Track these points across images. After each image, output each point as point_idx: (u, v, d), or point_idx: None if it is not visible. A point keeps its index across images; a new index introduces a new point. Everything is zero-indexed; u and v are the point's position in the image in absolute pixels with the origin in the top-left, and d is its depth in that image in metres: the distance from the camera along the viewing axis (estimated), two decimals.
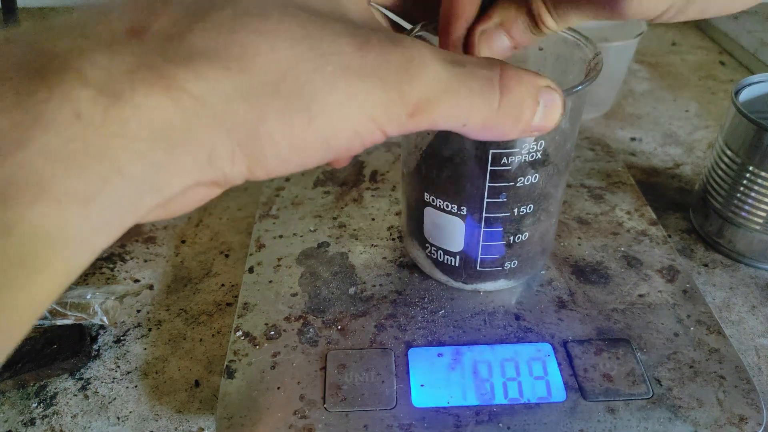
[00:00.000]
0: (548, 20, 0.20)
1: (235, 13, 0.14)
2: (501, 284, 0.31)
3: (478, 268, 0.30)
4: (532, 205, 0.27)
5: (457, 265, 0.30)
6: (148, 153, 0.13)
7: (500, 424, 0.26)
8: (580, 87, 0.23)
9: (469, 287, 0.32)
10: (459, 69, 0.16)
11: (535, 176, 0.26)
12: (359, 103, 0.14)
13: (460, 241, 0.29)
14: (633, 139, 0.50)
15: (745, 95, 0.37)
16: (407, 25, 0.24)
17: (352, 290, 0.32)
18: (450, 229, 0.29)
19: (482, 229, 0.28)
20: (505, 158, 0.25)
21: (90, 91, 0.12)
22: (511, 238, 0.29)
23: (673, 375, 0.28)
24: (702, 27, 0.70)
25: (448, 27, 0.21)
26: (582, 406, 0.26)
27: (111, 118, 0.12)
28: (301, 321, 0.30)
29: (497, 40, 0.21)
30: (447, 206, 0.28)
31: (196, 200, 0.16)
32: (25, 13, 0.52)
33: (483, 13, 0.21)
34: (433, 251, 0.31)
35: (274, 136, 0.14)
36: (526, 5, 0.20)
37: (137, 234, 0.40)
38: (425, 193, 0.28)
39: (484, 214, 0.27)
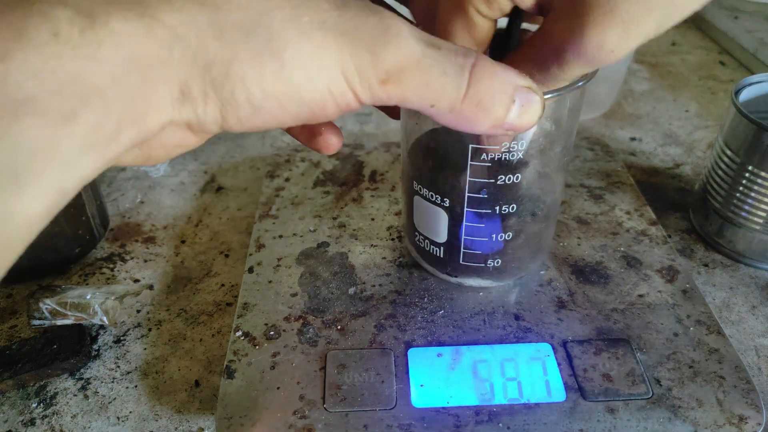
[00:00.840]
0: (534, 77, 0.19)
1: None
2: (486, 282, 0.31)
3: (461, 261, 0.30)
4: (515, 206, 0.27)
5: (441, 255, 0.31)
6: (122, 78, 0.13)
7: (500, 424, 0.26)
8: (560, 92, 0.22)
9: (453, 280, 0.32)
10: (434, 50, 0.16)
11: (517, 176, 0.26)
12: (333, 58, 0.14)
13: (444, 232, 0.29)
14: (633, 139, 0.50)
15: (745, 95, 0.37)
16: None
17: (351, 290, 0.32)
18: (435, 220, 0.29)
19: (464, 223, 0.28)
20: (484, 154, 0.25)
21: (68, 12, 0.12)
22: (494, 236, 0.29)
23: (673, 375, 0.28)
24: (702, 27, 0.70)
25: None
26: (582, 406, 0.26)
27: (86, 39, 0.12)
28: (301, 321, 0.30)
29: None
30: (432, 196, 0.28)
31: (173, 145, 0.16)
32: None
33: None
34: (420, 240, 0.31)
35: (246, 79, 0.14)
36: None
37: (137, 234, 0.40)
38: (413, 182, 0.29)
39: (465, 208, 0.27)
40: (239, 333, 0.30)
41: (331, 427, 0.26)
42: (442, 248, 0.30)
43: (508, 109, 0.17)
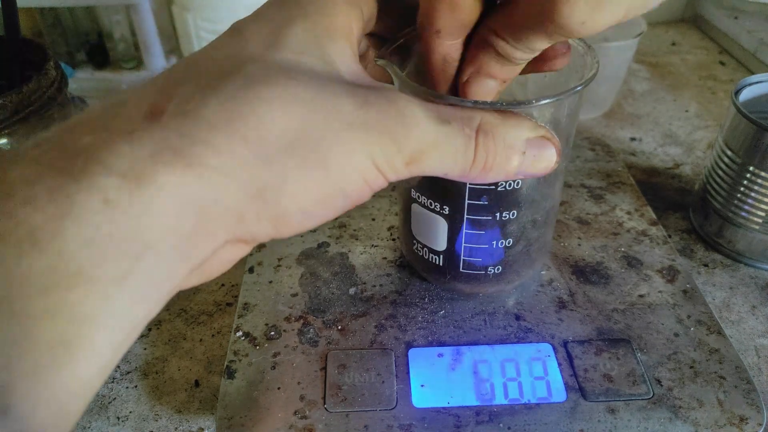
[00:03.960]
0: (514, 52, 0.19)
1: (245, 83, 0.15)
2: (486, 289, 0.31)
3: (461, 269, 0.29)
4: (515, 212, 0.27)
5: (441, 264, 0.30)
6: (176, 226, 0.13)
7: (500, 425, 0.26)
8: (559, 98, 0.22)
9: (453, 287, 0.32)
10: (444, 127, 0.17)
11: (518, 182, 0.26)
12: (365, 153, 0.16)
13: (444, 241, 0.29)
14: (633, 139, 0.50)
15: (745, 95, 0.37)
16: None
17: (352, 290, 0.32)
18: (434, 228, 0.28)
19: (464, 231, 0.28)
20: None
21: (115, 179, 0.13)
22: (494, 243, 0.28)
23: (674, 375, 0.28)
24: (702, 27, 0.70)
25: (436, 84, 0.22)
26: (582, 406, 0.26)
27: (137, 200, 0.13)
28: (302, 321, 0.30)
29: (483, 85, 0.21)
30: (431, 204, 0.28)
31: (228, 260, 0.17)
32: (24, 13, 0.52)
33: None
34: (419, 248, 0.30)
35: (297, 194, 0.15)
36: (491, 46, 0.20)
37: None
38: (411, 190, 0.28)
39: (465, 216, 0.27)
40: (240, 333, 0.30)
41: (331, 427, 0.26)
42: (441, 256, 0.29)
43: (519, 162, 0.19)
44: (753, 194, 0.35)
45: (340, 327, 0.30)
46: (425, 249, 0.30)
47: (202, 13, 0.51)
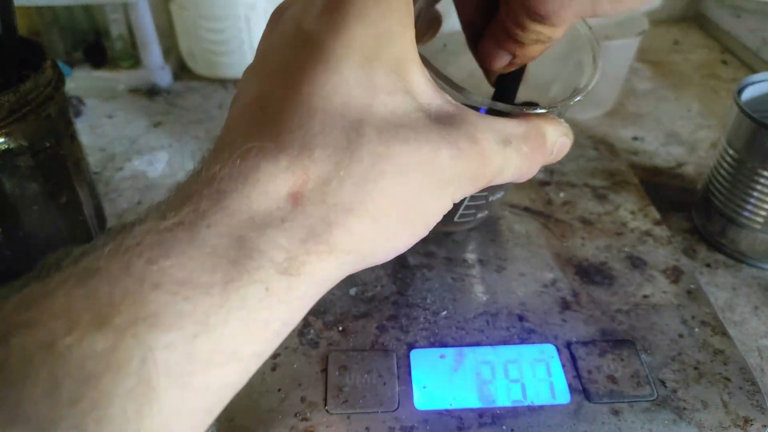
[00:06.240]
0: (521, 36, 0.20)
1: (371, 161, 0.16)
2: (468, 226, 0.35)
3: (455, 219, 0.33)
4: None
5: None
6: (312, 301, 0.17)
7: (503, 427, 0.26)
8: (555, 108, 0.23)
9: (440, 231, 0.35)
10: (508, 149, 0.19)
11: None
12: (451, 197, 0.18)
13: None
14: (635, 138, 0.50)
15: (747, 94, 0.37)
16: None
17: (353, 291, 0.32)
18: None
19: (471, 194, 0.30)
20: None
21: (276, 273, 0.15)
22: (491, 197, 0.32)
23: (678, 376, 0.28)
24: (704, 26, 0.69)
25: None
26: (586, 408, 0.26)
27: (293, 288, 0.15)
28: (302, 322, 0.30)
29: (501, 58, 0.22)
30: None
31: None
32: (21, 11, 0.52)
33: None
34: None
35: (399, 246, 0.18)
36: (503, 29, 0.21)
37: None
38: None
39: None
40: None
41: (332, 429, 0.25)
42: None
43: (546, 159, 0.21)
44: (756, 194, 0.35)
45: (341, 328, 0.30)
46: None
47: (201, 11, 0.50)
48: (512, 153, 0.19)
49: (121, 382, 0.12)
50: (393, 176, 0.16)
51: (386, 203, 0.16)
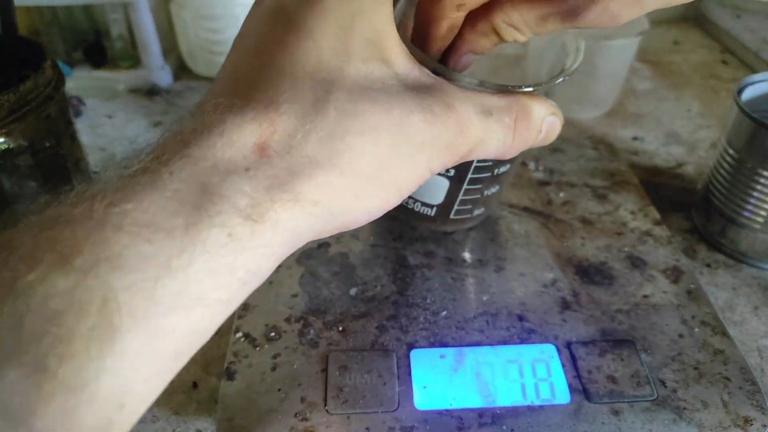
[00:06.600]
0: (515, 34, 0.21)
1: (338, 117, 0.16)
2: (467, 226, 0.35)
3: (451, 216, 0.33)
4: (509, 164, 0.31)
5: (432, 215, 0.33)
6: (280, 253, 0.16)
7: (504, 427, 0.26)
8: (559, 80, 0.24)
9: (439, 230, 0.35)
10: (488, 120, 0.19)
11: None
12: (429, 166, 0.18)
13: (442, 197, 0.31)
14: (635, 138, 0.50)
15: (747, 94, 0.37)
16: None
17: (353, 291, 0.32)
18: (435, 187, 0.31)
19: (464, 187, 0.30)
20: None
21: (239, 218, 0.15)
22: (486, 191, 0.32)
23: (678, 376, 0.28)
24: (704, 26, 0.69)
25: (428, 47, 0.23)
26: (586, 408, 0.26)
27: (257, 234, 0.15)
28: (302, 322, 0.30)
29: (467, 58, 0.23)
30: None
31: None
32: (21, 11, 0.52)
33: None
34: (410, 203, 0.33)
35: (370, 209, 0.18)
36: (490, 25, 0.21)
37: None
38: None
39: (469, 176, 0.30)
40: (239, 334, 0.29)
41: (332, 429, 0.25)
42: (434, 209, 0.32)
43: (536, 138, 0.21)
44: (756, 194, 0.35)
45: (341, 328, 0.30)
46: (418, 203, 0.32)
47: (200, 11, 0.50)
48: (493, 124, 0.19)
49: (84, 320, 0.13)
50: (361, 134, 0.16)
51: (354, 159, 0.16)
